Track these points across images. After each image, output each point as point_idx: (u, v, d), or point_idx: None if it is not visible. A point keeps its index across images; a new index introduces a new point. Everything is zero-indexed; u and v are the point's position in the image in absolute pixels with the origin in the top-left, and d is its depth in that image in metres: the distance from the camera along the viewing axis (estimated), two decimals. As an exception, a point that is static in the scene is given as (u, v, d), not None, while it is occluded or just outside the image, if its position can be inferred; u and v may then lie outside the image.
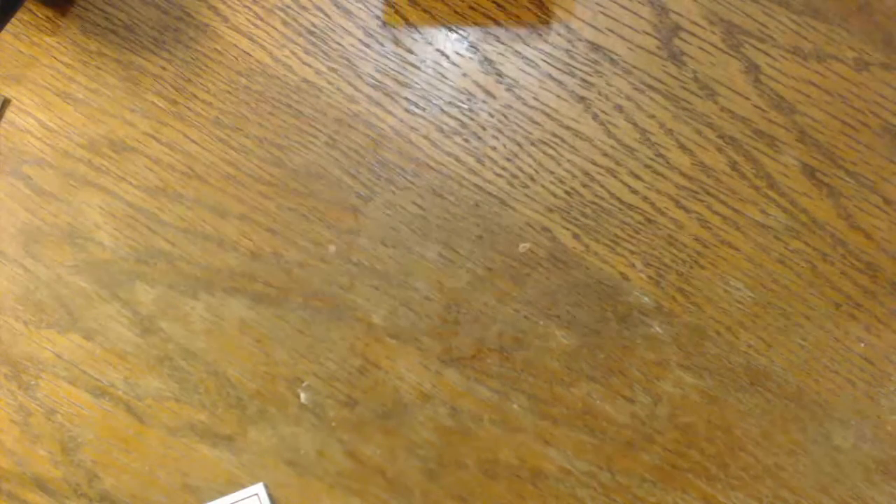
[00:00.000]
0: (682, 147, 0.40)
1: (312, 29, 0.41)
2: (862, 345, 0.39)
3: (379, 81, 0.41)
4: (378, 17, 0.41)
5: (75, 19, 0.41)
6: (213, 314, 0.39)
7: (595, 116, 0.40)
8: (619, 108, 0.40)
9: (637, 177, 0.40)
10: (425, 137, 0.40)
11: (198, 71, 0.41)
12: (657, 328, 0.39)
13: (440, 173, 0.40)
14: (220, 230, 0.40)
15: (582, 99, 0.40)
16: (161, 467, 0.39)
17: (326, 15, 0.41)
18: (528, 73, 0.40)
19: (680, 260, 0.39)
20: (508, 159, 0.40)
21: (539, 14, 0.40)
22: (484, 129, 0.40)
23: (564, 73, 0.40)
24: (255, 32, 0.41)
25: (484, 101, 0.40)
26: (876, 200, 0.39)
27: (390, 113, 0.40)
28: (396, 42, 0.41)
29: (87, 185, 0.40)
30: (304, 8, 0.41)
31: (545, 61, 0.40)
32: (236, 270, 0.40)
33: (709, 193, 0.40)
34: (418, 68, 0.41)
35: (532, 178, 0.40)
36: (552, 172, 0.40)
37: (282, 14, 0.41)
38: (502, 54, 0.41)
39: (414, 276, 0.40)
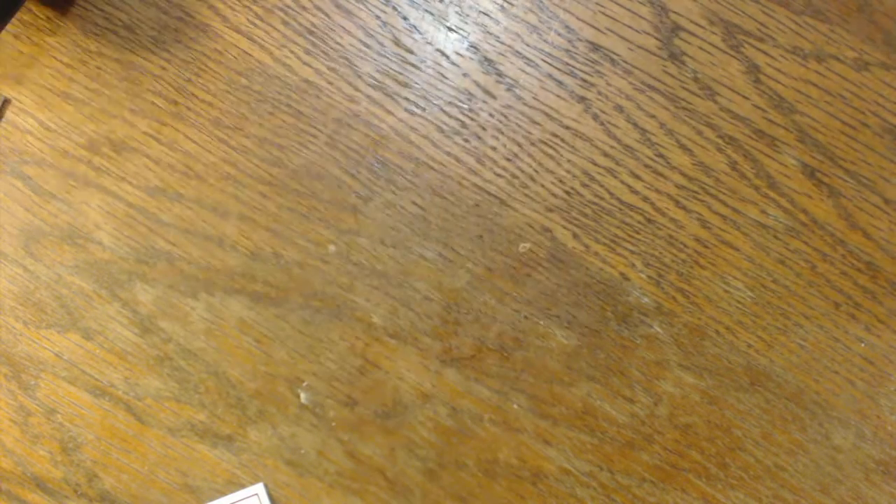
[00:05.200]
0: (682, 147, 0.40)
1: (312, 29, 0.41)
2: (862, 345, 0.39)
3: (379, 81, 0.41)
4: (378, 17, 0.41)
5: (75, 19, 0.41)
6: (213, 314, 0.39)
7: (595, 116, 0.40)
8: (619, 108, 0.40)
9: (637, 177, 0.40)
10: (425, 137, 0.40)
11: (198, 71, 0.41)
12: (657, 328, 0.39)
13: (440, 173, 0.40)
14: (220, 230, 0.40)
15: (582, 99, 0.40)
16: (161, 467, 0.39)
17: (326, 15, 0.41)
18: (528, 73, 0.40)
19: (680, 260, 0.39)
20: (508, 159, 0.40)
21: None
22: (484, 129, 0.40)
23: (564, 73, 0.40)
24: (255, 32, 0.41)
25: (484, 101, 0.40)
26: (876, 200, 0.39)
27: (390, 113, 0.40)
28: (396, 42, 0.41)
29: (87, 185, 0.40)
30: (304, 8, 0.41)
31: (545, 61, 0.40)
32: (236, 270, 0.40)
33: (709, 193, 0.40)
34: (418, 68, 0.41)
35: (532, 178, 0.40)
36: (552, 172, 0.40)
37: (282, 14, 0.41)
38: (502, 54, 0.41)
39: (414, 276, 0.40)
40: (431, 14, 0.41)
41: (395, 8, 0.41)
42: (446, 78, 0.40)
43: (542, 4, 0.41)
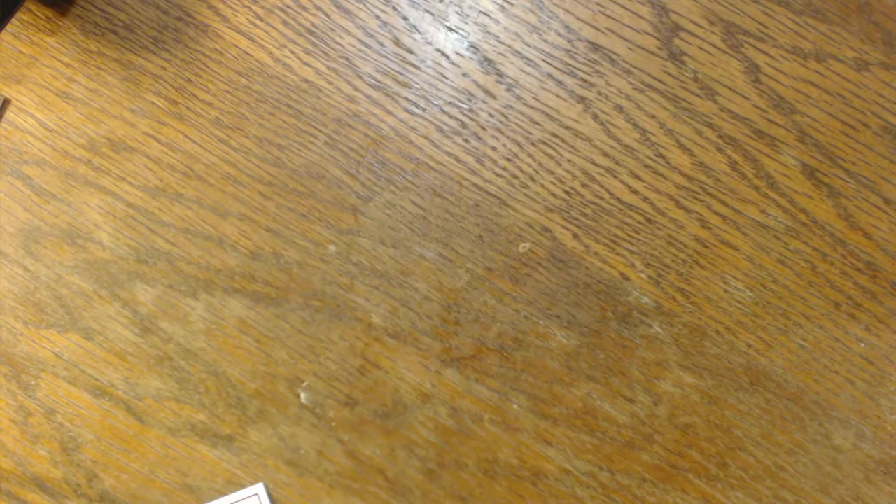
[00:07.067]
0: (682, 147, 0.40)
1: (312, 29, 0.41)
2: (862, 345, 0.39)
3: (379, 81, 0.41)
4: (378, 17, 0.41)
5: (75, 19, 0.41)
6: (213, 314, 0.39)
7: (595, 116, 0.40)
8: (619, 108, 0.40)
9: (637, 177, 0.40)
10: (425, 137, 0.40)
11: (198, 71, 0.41)
12: (657, 328, 0.39)
13: (440, 173, 0.40)
14: (220, 230, 0.40)
15: (582, 99, 0.40)
16: (161, 467, 0.39)
17: (326, 15, 0.41)
18: (528, 73, 0.40)
19: (680, 260, 0.39)
20: (508, 159, 0.40)
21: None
22: (484, 129, 0.40)
23: (564, 73, 0.40)
24: (255, 32, 0.41)
25: (484, 101, 0.40)
26: (876, 200, 0.39)
27: (390, 113, 0.40)
28: (396, 42, 0.41)
29: (87, 185, 0.40)
30: (304, 8, 0.41)
31: (545, 61, 0.40)
32: (236, 270, 0.40)
33: (709, 193, 0.40)
34: (418, 68, 0.41)
35: (532, 178, 0.40)
36: (552, 172, 0.40)
37: (282, 14, 0.41)
38: (502, 54, 0.41)
39: (414, 276, 0.40)
40: (431, 14, 0.41)
41: (395, 8, 0.41)
42: (446, 78, 0.40)
43: (542, 4, 0.41)
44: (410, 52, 0.41)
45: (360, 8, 0.41)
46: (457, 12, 0.41)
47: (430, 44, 0.41)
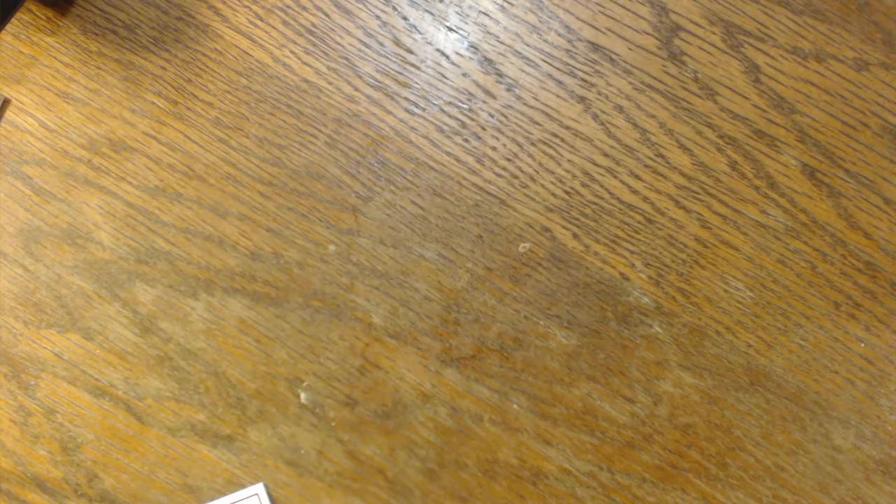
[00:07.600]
0: (682, 147, 0.40)
1: (312, 29, 0.41)
2: (862, 345, 0.39)
3: (379, 81, 0.41)
4: (378, 17, 0.41)
5: (75, 19, 0.41)
6: (213, 314, 0.39)
7: (595, 116, 0.40)
8: (619, 108, 0.40)
9: (637, 177, 0.40)
10: (425, 137, 0.40)
11: (198, 71, 0.41)
12: (657, 328, 0.39)
13: (440, 173, 0.40)
14: (220, 230, 0.40)
15: (582, 99, 0.40)
16: (161, 467, 0.39)
17: (326, 15, 0.41)
18: (528, 73, 0.40)
19: (680, 260, 0.39)
20: (508, 159, 0.40)
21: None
22: (484, 129, 0.40)
23: (564, 73, 0.40)
24: (255, 32, 0.41)
25: (484, 101, 0.40)
26: (876, 200, 0.39)
27: (390, 113, 0.40)
28: (396, 42, 0.41)
29: (87, 185, 0.40)
30: (304, 8, 0.41)
31: (545, 61, 0.40)
32: (236, 270, 0.40)
33: (709, 193, 0.40)
34: (418, 68, 0.41)
35: (532, 178, 0.40)
36: (552, 172, 0.40)
37: (282, 14, 0.41)
38: (502, 54, 0.41)
39: (414, 276, 0.40)
40: (431, 14, 0.41)
41: (395, 8, 0.41)
42: (446, 78, 0.40)
43: (542, 4, 0.41)
44: (410, 52, 0.41)
45: (360, 8, 0.41)
46: (457, 12, 0.41)
47: (430, 44, 0.41)
